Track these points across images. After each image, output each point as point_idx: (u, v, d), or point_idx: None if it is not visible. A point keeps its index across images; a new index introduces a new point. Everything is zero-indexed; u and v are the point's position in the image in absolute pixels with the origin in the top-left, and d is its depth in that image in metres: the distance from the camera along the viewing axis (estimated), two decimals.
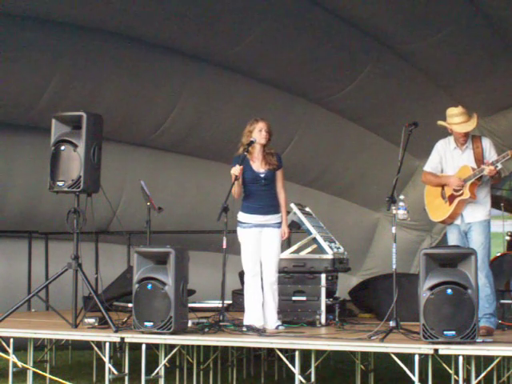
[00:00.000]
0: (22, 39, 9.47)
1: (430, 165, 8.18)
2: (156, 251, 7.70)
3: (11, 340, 7.96)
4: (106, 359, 7.64)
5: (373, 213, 14.81)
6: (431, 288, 6.79)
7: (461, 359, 6.62)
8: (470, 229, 7.91)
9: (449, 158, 8.08)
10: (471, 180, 7.85)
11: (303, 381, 7.11)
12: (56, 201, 9.61)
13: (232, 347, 8.69)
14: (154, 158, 12.15)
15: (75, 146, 8.20)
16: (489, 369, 6.96)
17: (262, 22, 10.16)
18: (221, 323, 7.84)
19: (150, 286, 7.53)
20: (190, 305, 8.27)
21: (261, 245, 8.19)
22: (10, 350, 7.98)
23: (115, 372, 7.69)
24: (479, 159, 7.92)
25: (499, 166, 7.77)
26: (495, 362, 6.92)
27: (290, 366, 7.32)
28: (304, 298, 8.62)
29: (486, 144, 8.02)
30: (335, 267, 8.80)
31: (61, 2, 9.21)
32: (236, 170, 8.03)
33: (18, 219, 11.20)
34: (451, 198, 7.96)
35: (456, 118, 7.93)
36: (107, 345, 7.63)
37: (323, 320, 8.54)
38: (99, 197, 8.43)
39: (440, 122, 8.03)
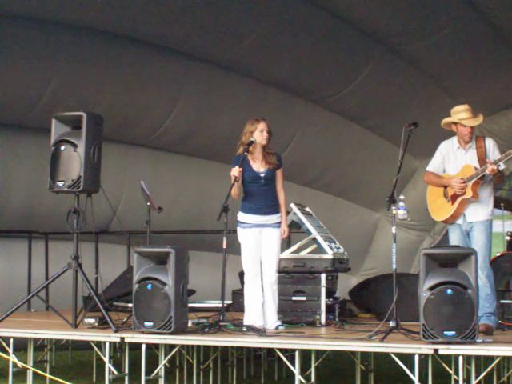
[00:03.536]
0: (21, 39, 9.47)
1: (433, 165, 8.19)
2: (156, 251, 7.70)
3: (11, 340, 7.96)
4: (106, 359, 7.63)
5: (373, 213, 14.81)
6: (431, 288, 6.79)
7: (461, 359, 6.62)
8: (471, 228, 7.92)
9: (452, 158, 8.08)
10: (474, 179, 7.85)
11: (303, 381, 7.11)
12: (56, 201, 9.60)
13: (232, 347, 8.68)
14: (154, 158, 12.14)
15: (75, 145, 8.19)
16: (489, 369, 6.96)
17: (261, 22, 10.15)
18: (221, 323, 7.84)
19: (150, 286, 7.53)
20: (190, 305, 8.26)
21: (261, 245, 8.20)
22: (10, 350, 7.97)
23: (115, 372, 7.69)
24: (482, 159, 7.92)
25: (502, 165, 7.77)
26: (495, 362, 6.92)
27: (290, 366, 7.31)
28: (304, 298, 8.62)
29: (490, 144, 8.02)
30: (335, 267, 8.79)
31: (60, 2, 9.21)
32: (235, 171, 8.03)
33: (18, 219, 11.19)
34: (454, 198, 7.96)
35: (463, 114, 7.94)
36: (107, 345, 7.63)
37: (323, 320, 8.53)
38: (99, 197, 8.42)
39: (445, 120, 8.03)
